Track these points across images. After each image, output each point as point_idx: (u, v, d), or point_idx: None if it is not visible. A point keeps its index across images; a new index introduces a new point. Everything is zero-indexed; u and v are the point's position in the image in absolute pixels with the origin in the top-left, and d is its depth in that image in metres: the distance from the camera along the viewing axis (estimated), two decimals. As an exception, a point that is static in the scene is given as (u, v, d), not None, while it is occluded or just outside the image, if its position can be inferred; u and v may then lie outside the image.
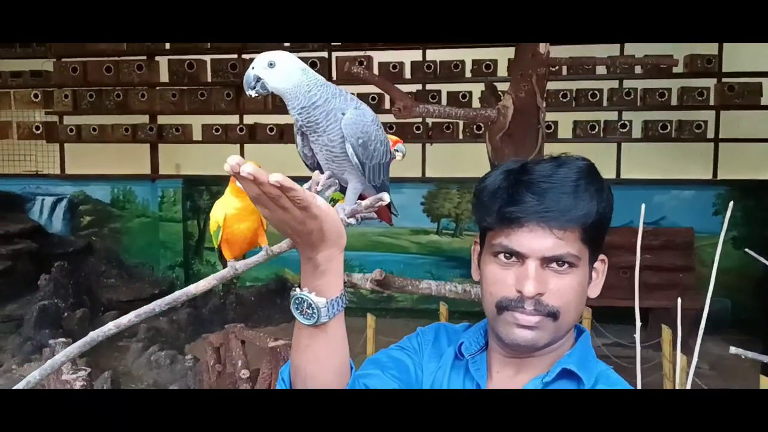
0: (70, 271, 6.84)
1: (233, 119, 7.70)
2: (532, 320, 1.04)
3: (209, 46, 7.55)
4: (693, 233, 6.86)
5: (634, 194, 7.09)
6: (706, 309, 1.88)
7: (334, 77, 7.44)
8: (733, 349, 1.48)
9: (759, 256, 1.93)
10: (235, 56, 7.60)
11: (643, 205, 2.57)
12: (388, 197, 1.09)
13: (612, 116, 7.26)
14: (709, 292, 1.94)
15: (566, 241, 1.03)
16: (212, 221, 1.69)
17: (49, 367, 0.99)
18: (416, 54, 7.38)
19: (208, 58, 7.74)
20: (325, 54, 7.44)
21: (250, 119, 7.71)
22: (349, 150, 1.13)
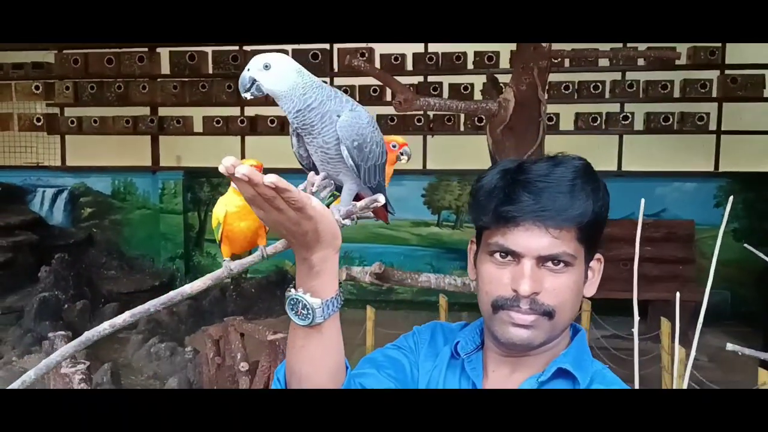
0: (70, 263, 6.85)
1: (234, 111, 7.69)
2: (528, 319, 1.04)
3: (210, 38, 7.52)
4: (694, 225, 6.85)
5: (635, 186, 7.10)
6: (705, 301, 1.88)
7: (336, 69, 7.43)
8: (730, 346, 1.48)
9: (758, 252, 1.92)
10: (236, 48, 7.58)
11: (642, 200, 2.56)
12: (383, 199, 1.08)
13: (614, 108, 7.24)
14: (709, 284, 1.93)
15: (562, 240, 1.03)
16: (213, 217, 1.71)
17: (44, 366, 0.99)
18: (418, 46, 7.35)
19: (209, 50, 7.72)
20: (327, 45, 7.42)
21: (251, 111, 7.69)
22: (345, 152, 1.13)
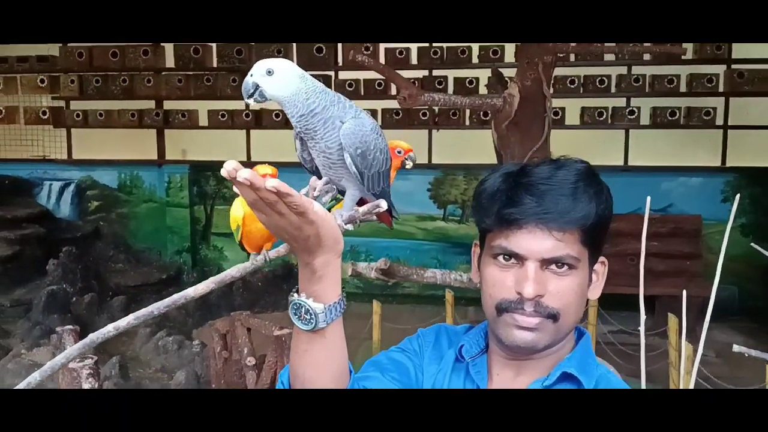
0: (78, 256, 6.89)
1: (239, 105, 7.68)
2: (532, 322, 1.04)
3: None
4: (701, 220, 6.83)
5: (641, 181, 7.08)
6: (713, 297, 1.87)
7: (340, 63, 7.42)
8: (736, 347, 1.48)
9: (765, 251, 1.91)
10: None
11: (648, 198, 2.56)
12: (385, 204, 1.08)
13: (620, 103, 7.21)
14: (716, 280, 1.93)
15: (565, 242, 1.03)
16: (232, 219, 1.76)
17: (49, 368, 1.00)
18: (423, 39, 7.32)
19: (213, 44, 7.71)
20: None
21: (256, 105, 7.67)
22: (348, 160, 1.12)
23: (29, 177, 8.29)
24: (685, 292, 2.45)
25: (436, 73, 7.37)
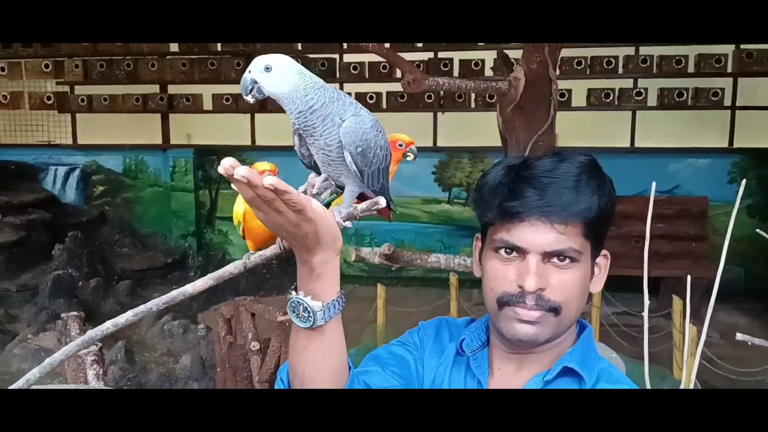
0: (83, 241, 6.91)
1: (243, 88, 7.66)
2: (534, 315, 1.04)
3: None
4: (707, 202, 6.80)
5: (648, 163, 7.05)
6: (718, 279, 1.86)
7: (345, 46, 7.37)
8: (739, 336, 1.47)
9: (769, 236, 1.90)
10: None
11: (653, 183, 2.54)
12: (384, 201, 1.07)
13: (627, 84, 7.16)
14: (722, 263, 1.92)
15: (567, 235, 1.02)
16: (234, 215, 1.76)
17: (48, 365, 1.00)
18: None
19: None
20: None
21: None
22: (348, 158, 1.11)
23: (35, 162, 8.31)
24: (689, 278, 2.44)
25: (441, 55, 7.32)
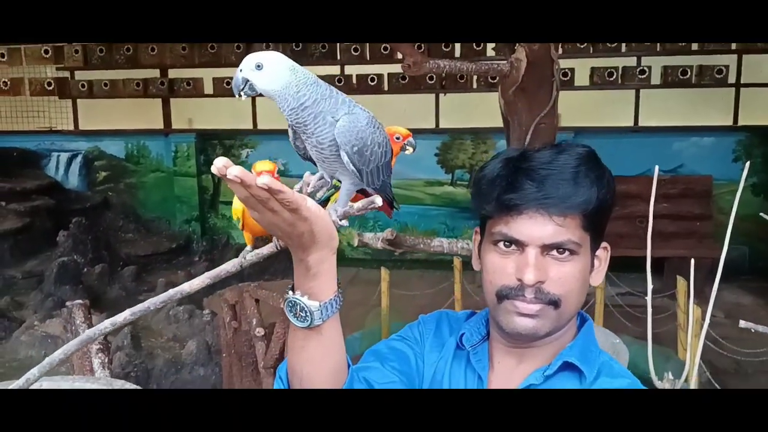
0: (88, 227, 6.93)
1: (244, 71, 7.62)
2: (533, 308, 1.03)
3: None
4: (711, 181, 6.77)
5: (652, 142, 7.01)
6: (723, 258, 1.86)
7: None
8: (742, 323, 1.47)
9: (773, 220, 1.89)
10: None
11: (656, 167, 2.52)
12: (380, 201, 1.05)
13: (630, 62, 7.09)
14: (726, 242, 1.91)
15: (566, 228, 1.01)
16: (233, 211, 1.76)
17: (47, 364, 1.00)
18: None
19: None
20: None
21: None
22: (345, 158, 1.10)
23: (37, 148, 8.31)
24: (693, 258, 2.43)
25: (442, 35, 7.25)
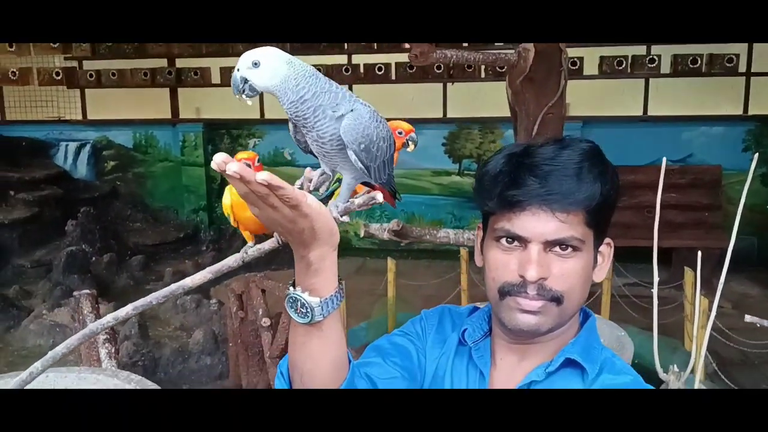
0: (96, 216, 6.96)
1: (252, 61, 7.60)
2: (535, 305, 1.02)
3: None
4: (721, 171, 6.72)
5: (661, 131, 6.96)
6: (730, 249, 1.84)
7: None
8: (748, 318, 1.46)
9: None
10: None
11: (664, 158, 2.50)
12: (381, 197, 1.05)
13: (640, 51, 7.04)
14: (734, 232, 1.89)
15: (569, 224, 1.00)
16: (223, 208, 1.77)
17: (50, 357, 1.00)
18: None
19: None
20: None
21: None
22: (352, 157, 1.09)
23: (45, 138, 8.33)
24: (700, 249, 2.41)
25: (450, 24, 7.22)
